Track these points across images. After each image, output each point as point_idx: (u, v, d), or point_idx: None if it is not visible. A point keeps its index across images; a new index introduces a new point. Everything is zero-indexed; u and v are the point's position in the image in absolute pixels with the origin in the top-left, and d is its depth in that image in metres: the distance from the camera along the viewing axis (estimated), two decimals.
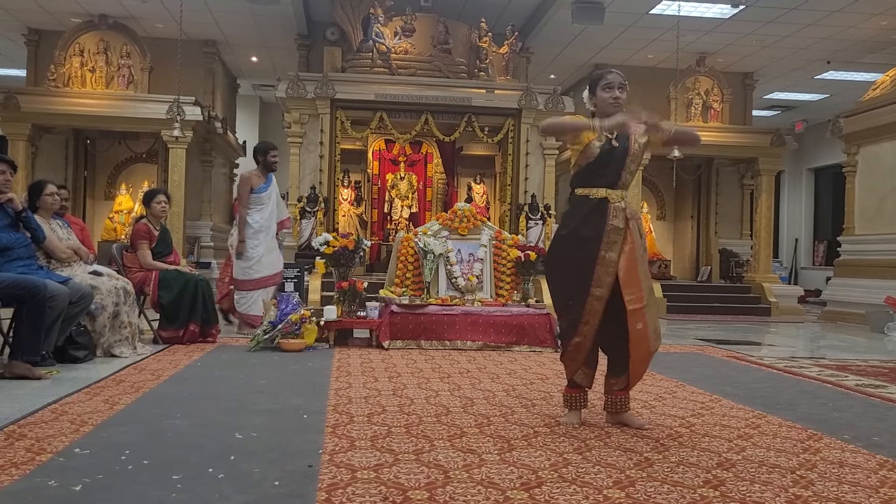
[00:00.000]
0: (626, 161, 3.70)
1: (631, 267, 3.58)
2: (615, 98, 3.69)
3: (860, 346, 8.34)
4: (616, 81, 3.71)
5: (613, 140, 3.68)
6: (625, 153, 3.69)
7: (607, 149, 3.68)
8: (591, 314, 3.58)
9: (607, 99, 3.70)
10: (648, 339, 3.56)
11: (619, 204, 3.66)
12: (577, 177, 3.78)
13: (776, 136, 13.22)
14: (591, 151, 3.69)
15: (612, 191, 3.67)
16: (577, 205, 3.76)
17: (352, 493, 2.54)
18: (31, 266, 5.02)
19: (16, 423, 3.42)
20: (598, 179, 3.69)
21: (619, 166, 3.69)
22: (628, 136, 3.70)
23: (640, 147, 3.75)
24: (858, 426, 3.89)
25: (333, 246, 7.15)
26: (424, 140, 12.98)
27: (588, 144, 3.69)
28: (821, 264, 18.46)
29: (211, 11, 12.11)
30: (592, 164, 3.70)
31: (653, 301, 3.65)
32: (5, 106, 11.34)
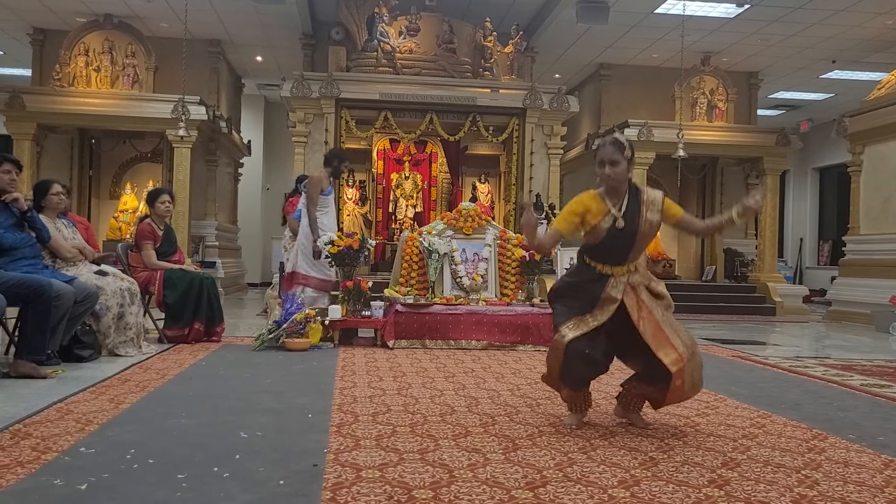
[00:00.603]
0: (635, 241, 3.57)
1: (656, 329, 3.48)
2: (606, 176, 3.55)
3: (865, 345, 8.32)
4: (606, 157, 3.53)
5: (618, 222, 3.53)
6: (633, 235, 3.56)
7: (614, 232, 3.54)
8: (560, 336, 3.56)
9: (601, 175, 3.57)
10: (685, 392, 3.53)
11: (622, 278, 3.56)
12: (585, 248, 3.69)
13: (781, 136, 13.19)
14: (596, 233, 3.58)
15: (617, 267, 3.58)
16: (581, 269, 3.70)
17: (357, 493, 2.54)
18: (37, 265, 5.03)
19: (21, 422, 3.43)
20: (605, 257, 3.59)
21: (626, 247, 3.57)
22: (637, 216, 3.55)
23: (650, 227, 3.59)
24: (864, 426, 3.89)
25: (338, 245, 7.14)
26: (429, 139, 12.98)
27: (595, 226, 3.56)
28: (826, 264, 18.41)
29: (216, 11, 12.13)
30: (600, 244, 3.59)
31: (693, 356, 3.50)
32: (11, 105, 11.37)
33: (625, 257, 3.58)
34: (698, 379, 3.55)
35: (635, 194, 3.61)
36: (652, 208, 3.59)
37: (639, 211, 3.57)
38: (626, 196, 3.59)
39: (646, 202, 3.59)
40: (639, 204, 3.59)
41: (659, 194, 3.67)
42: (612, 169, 3.53)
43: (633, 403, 3.75)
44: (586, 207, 3.57)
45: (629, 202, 3.58)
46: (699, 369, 3.55)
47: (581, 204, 3.59)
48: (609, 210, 3.56)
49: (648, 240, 3.64)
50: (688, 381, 3.46)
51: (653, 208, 3.59)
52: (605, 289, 3.55)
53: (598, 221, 3.55)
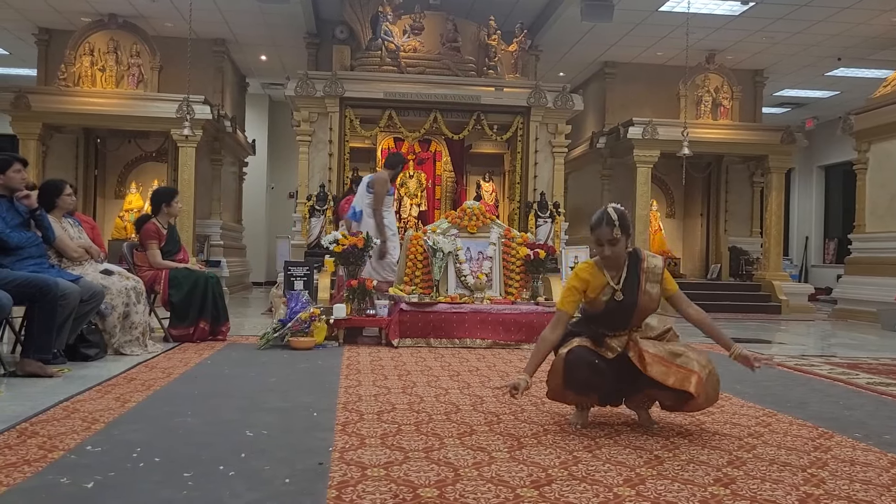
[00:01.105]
0: (634, 312, 3.56)
1: (667, 364, 3.41)
2: (604, 256, 3.52)
3: (871, 343, 8.30)
4: (604, 237, 3.48)
5: (617, 294, 3.52)
6: (632, 307, 3.54)
7: (613, 305, 3.53)
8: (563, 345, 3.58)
9: (598, 252, 3.55)
10: (699, 406, 3.50)
11: (624, 337, 3.56)
12: (587, 314, 3.69)
13: (786, 134, 13.16)
14: (595, 306, 3.58)
15: (620, 331, 3.58)
16: (586, 325, 3.67)
17: (362, 491, 2.54)
18: (43, 265, 5.04)
19: (28, 421, 3.44)
20: (606, 325, 3.59)
21: (626, 319, 3.56)
22: (636, 288, 3.52)
23: (649, 299, 3.56)
24: (870, 424, 3.88)
25: (343, 244, 7.15)
26: (433, 138, 12.97)
27: (594, 299, 3.56)
28: (831, 262, 18.37)
29: (220, 10, 12.14)
30: (600, 315, 3.59)
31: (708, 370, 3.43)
32: (16, 105, 11.39)
33: (626, 325, 3.58)
34: (713, 394, 3.50)
35: (634, 264, 3.58)
36: (651, 278, 3.56)
37: (638, 282, 3.54)
38: (625, 266, 3.56)
39: (645, 271, 3.56)
40: (638, 274, 3.55)
41: (659, 262, 3.63)
42: (611, 249, 3.50)
43: (642, 402, 3.71)
44: (586, 283, 3.56)
45: (628, 272, 3.55)
46: (716, 385, 3.50)
47: (581, 280, 3.57)
48: (608, 282, 3.54)
49: (649, 311, 3.61)
50: (702, 397, 3.41)
51: (652, 279, 3.56)
52: (606, 340, 3.57)
53: (597, 295, 3.55)
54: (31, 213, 5.06)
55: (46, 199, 5.56)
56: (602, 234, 3.49)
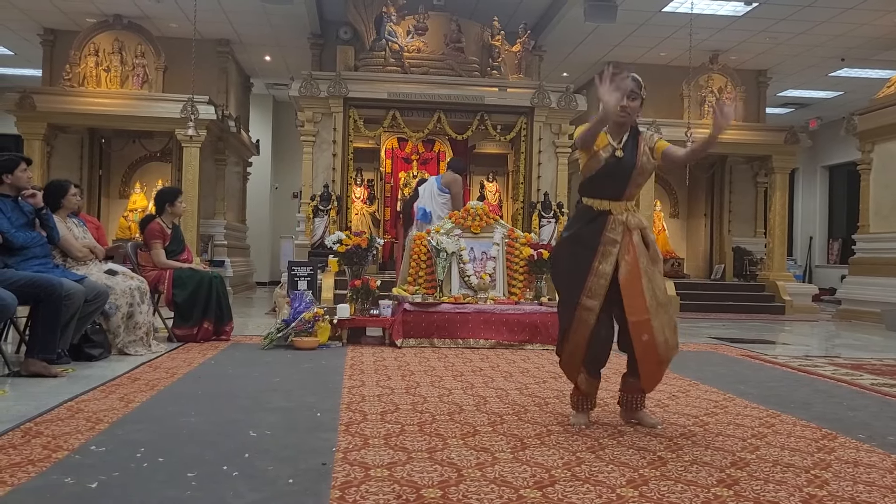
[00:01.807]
0: (633, 174, 3.61)
1: (633, 279, 3.50)
2: (623, 107, 3.55)
3: (875, 344, 8.28)
4: (627, 87, 3.54)
5: (617, 151, 3.59)
6: (631, 166, 3.60)
7: (613, 161, 3.59)
8: (579, 323, 3.55)
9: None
10: (657, 349, 3.47)
11: (620, 216, 3.59)
12: (584, 185, 3.72)
13: (790, 134, 13.14)
14: (596, 161, 3.62)
15: (615, 202, 3.61)
16: (580, 213, 3.74)
17: (365, 491, 2.55)
18: (47, 265, 5.06)
19: (32, 421, 3.45)
20: (603, 191, 3.63)
21: (624, 179, 3.61)
22: (636, 148, 3.61)
23: (648, 161, 3.64)
24: (874, 425, 3.88)
25: (346, 244, 7.17)
26: (437, 138, 12.96)
27: (595, 154, 3.61)
28: (835, 262, 18.35)
29: (224, 11, 12.15)
30: (597, 174, 3.63)
31: (662, 311, 3.51)
32: (21, 105, 11.41)
33: (622, 192, 3.61)
34: (672, 339, 3.52)
35: (635, 134, 3.68)
36: (649, 143, 3.67)
37: (637, 146, 3.63)
38: (626, 134, 3.66)
39: (644, 139, 3.67)
40: (637, 140, 3.66)
41: (655, 135, 3.74)
42: (630, 102, 3.57)
43: (634, 402, 3.73)
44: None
45: (629, 138, 3.65)
46: (672, 328, 3.53)
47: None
48: (609, 142, 3.62)
49: (645, 176, 3.68)
50: (659, 337, 3.44)
51: (649, 143, 3.67)
52: (605, 231, 3.56)
53: (598, 150, 3.61)
54: (37, 212, 5.08)
55: (52, 198, 5.58)
56: (626, 84, 3.54)
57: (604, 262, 3.53)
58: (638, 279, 3.50)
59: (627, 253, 3.54)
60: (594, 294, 3.52)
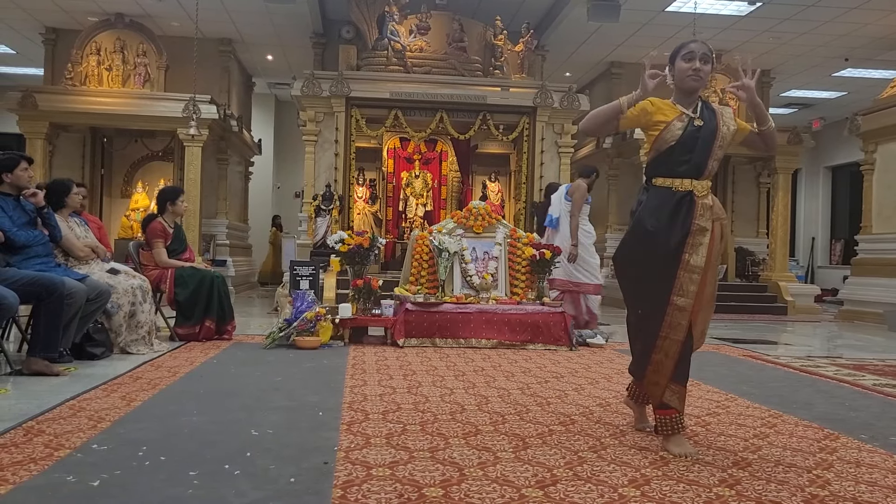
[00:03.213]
0: (714, 145, 3.23)
1: (703, 275, 3.18)
2: (695, 70, 3.22)
3: (877, 345, 8.27)
4: (699, 51, 3.23)
5: (697, 119, 3.23)
6: (713, 135, 3.22)
7: (691, 130, 3.21)
8: (671, 328, 3.15)
9: (686, 70, 3.25)
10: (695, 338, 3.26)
11: (707, 200, 3.22)
12: (655, 164, 3.29)
13: (793, 134, 13.12)
14: (670, 134, 3.22)
15: (697, 182, 3.21)
16: (656, 197, 3.25)
17: (367, 490, 2.55)
18: (49, 263, 5.06)
19: (34, 419, 3.45)
20: (681, 168, 3.21)
21: (705, 151, 3.22)
22: (715, 116, 3.26)
23: (729, 131, 3.27)
24: (876, 426, 3.87)
25: (348, 244, 7.16)
26: (439, 138, 12.97)
27: (667, 126, 3.22)
28: (838, 263, 18.33)
29: (227, 10, 12.16)
30: (673, 148, 3.22)
31: (709, 305, 3.27)
32: (23, 104, 11.42)
33: (703, 166, 3.22)
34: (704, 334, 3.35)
35: (706, 103, 3.35)
36: (726, 115, 3.32)
37: (714, 114, 3.28)
38: (698, 103, 3.32)
39: (718, 110, 3.33)
40: (712, 109, 3.32)
41: (728, 108, 3.38)
42: (703, 66, 3.23)
43: (643, 396, 3.55)
44: (658, 107, 3.28)
45: (702, 107, 3.31)
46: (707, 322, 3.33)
47: (654, 104, 3.29)
48: (682, 112, 3.27)
49: (725, 148, 3.29)
50: (696, 329, 3.23)
51: (726, 115, 3.32)
52: (693, 218, 3.17)
53: (672, 120, 3.25)
54: (38, 211, 5.08)
55: (54, 197, 5.58)
56: (697, 47, 3.27)
57: (694, 255, 3.16)
58: (705, 276, 3.18)
59: (710, 248, 3.21)
60: (686, 292, 3.14)
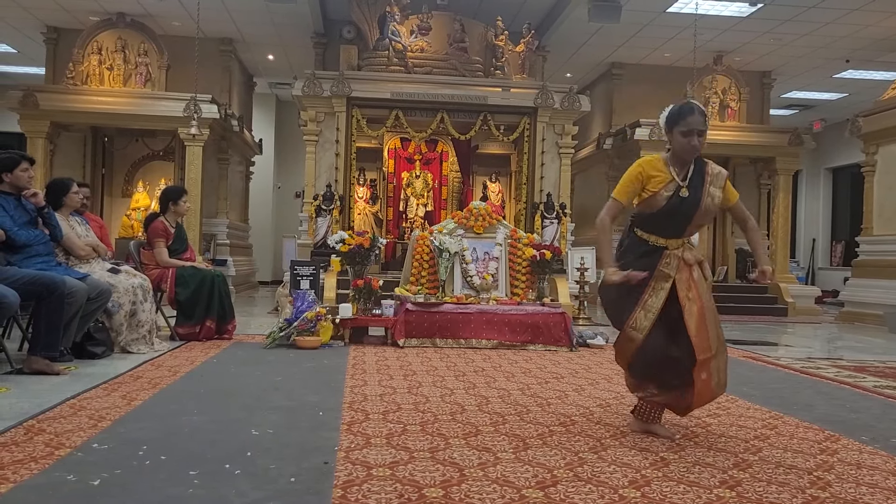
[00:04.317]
0: (695, 215, 3.40)
1: (700, 318, 3.32)
2: (692, 146, 3.36)
3: (878, 347, 8.27)
4: (696, 128, 3.35)
5: (682, 190, 3.36)
6: (694, 207, 3.38)
7: (675, 201, 3.36)
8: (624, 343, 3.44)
9: (684, 144, 3.38)
10: (712, 388, 3.38)
11: (677, 251, 3.40)
12: (639, 218, 3.51)
13: (794, 136, 13.12)
14: (656, 202, 3.38)
15: (672, 240, 3.42)
16: (632, 245, 3.50)
17: (367, 490, 2.55)
18: (50, 262, 5.06)
19: (35, 418, 3.45)
20: (661, 230, 3.42)
21: (685, 221, 3.41)
22: (702, 187, 3.38)
23: (712, 201, 3.40)
24: (877, 427, 3.87)
25: (349, 244, 7.17)
26: (440, 138, 12.97)
27: (655, 194, 3.37)
28: (838, 265, 18.32)
29: (228, 10, 12.16)
30: (657, 214, 3.40)
31: (722, 350, 3.40)
32: (24, 104, 11.42)
33: (682, 230, 3.42)
34: (724, 378, 3.42)
35: (700, 166, 3.45)
36: (716, 183, 3.42)
37: (702, 183, 3.40)
38: (691, 166, 3.43)
39: (710, 175, 3.43)
40: (703, 176, 3.42)
41: (724, 171, 3.49)
42: (699, 140, 3.36)
43: (651, 414, 3.53)
44: (648, 174, 3.40)
45: (694, 173, 3.42)
46: (725, 369, 3.42)
47: (644, 170, 3.41)
48: (673, 178, 3.39)
49: (708, 217, 3.48)
50: (714, 377, 3.33)
51: (717, 183, 3.43)
52: (658, 265, 3.37)
53: (660, 189, 3.37)
54: (39, 211, 5.08)
55: (53, 196, 5.58)
56: (695, 121, 3.36)
57: (653, 297, 3.36)
58: (703, 317, 3.34)
59: (691, 290, 3.36)
60: (638, 327, 3.36)
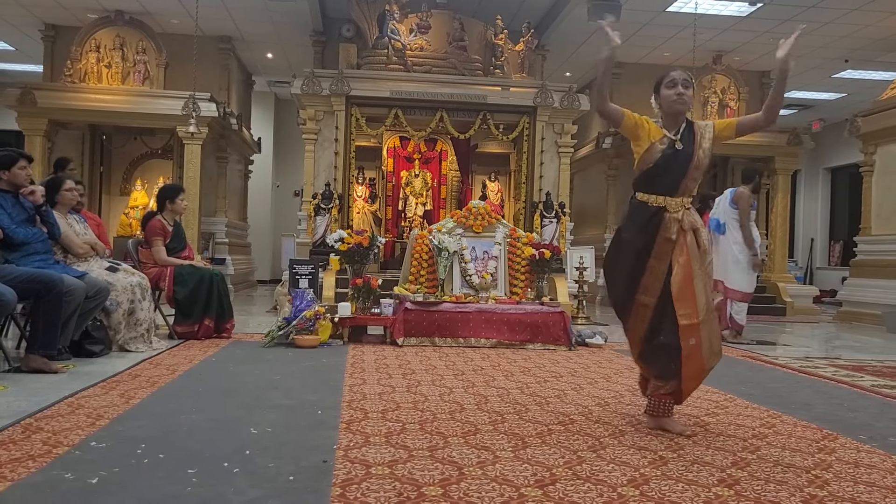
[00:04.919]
0: (689, 168, 3.53)
1: (686, 281, 3.43)
2: (679, 94, 3.53)
3: (876, 346, 8.28)
4: (679, 78, 3.55)
5: (677, 143, 3.53)
6: (688, 159, 3.53)
7: (669, 153, 3.52)
8: (636, 319, 3.55)
9: (671, 95, 3.55)
10: (703, 355, 3.43)
11: (676, 214, 3.50)
12: (638, 181, 3.63)
13: (793, 136, 13.13)
14: (651, 155, 3.54)
15: (671, 198, 3.52)
16: (634, 210, 3.61)
17: (366, 489, 2.55)
18: (48, 261, 5.06)
19: (33, 417, 3.45)
20: (658, 186, 3.54)
21: (680, 173, 3.53)
22: (693, 141, 3.55)
23: (705, 154, 3.56)
24: (874, 426, 3.87)
25: (348, 243, 7.16)
26: (439, 137, 12.95)
27: (650, 146, 3.54)
28: (837, 264, 18.33)
29: (226, 7, 12.15)
30: (652, 168, 3.55)
31: (712, 318, 3.48)
32: (22, 101, 11.40)
33: (677, 186, 3.53)
34: (718, 346, 3.49)
35: (689, 125, 3.62)
36: (706, 135, 3.59)
37: (693, 137, 3.57)
38: (682, 126, 3.60)
39: (698, 131, 3.59)
40: (693, 133, 3.59)
41: (709, 123, 3.66)
42: (685, 90, 3.53)
43: (661, 408, 3.59)
44: (648, 128, 3.59)
45: (685, 129, 3.59)
46: (718, 336, 3.50)
47: (647, 122, 3.61)
48: (665, 134, 3.56)
49: (702, 171, 3.60)
50: (705, 344, 3.40)
51: (706, 135, 3.59)
52: (660, 230, 3.48)
53: (655, 142, 3.54)
54: (37, 209, 5.08)
55: (47, 194, 5.58)
56: (677, 74, 3.57)
57: (659, 262, 3.49)
58: (690, 282, 3.44)
59: (681, 254, 3.47)
60: (650, 292, 3.49)
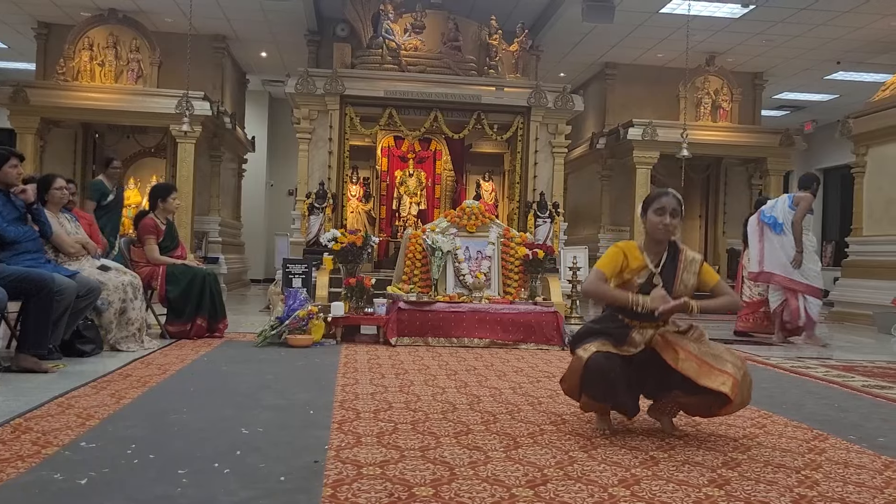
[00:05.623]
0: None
1: (700, 364, 3.32)
2: (665, 225, 3.42)
3: (867, 346, 8.30)
4: (669, 206, 3.43)
5: (655, 278, 3.44)
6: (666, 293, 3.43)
7: (647, 289, 3.42)
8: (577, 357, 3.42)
9: (657, 223, 3.44)
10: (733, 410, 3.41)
11: (650, 330, 3.46)
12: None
13: (785, 137, 13.17)
14: (629, 287, 3.46)
15: (645, 323, 3.46)
16: (607, 318, 3.56)
17: (357, 489, 2.54)
18: (39, 260, 5.04)
19: (22, 417, 3.44)
20: (634, 314, 3.44)
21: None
22: (673, 278, 3.45)
23: (684, 289, 3.47)
24: (864, 427, 3.88)
25: (341, 242, 7.16)
26: (433, 137, 12.96)
27: (628, 280, 3.46)
28: (828, 265, 18.34)
29: (221, 6, 12.13)
30: None
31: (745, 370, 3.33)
32: (14, 99, 11.38)
33: (654, 315, 3.42)
34: (748, 396, 3.39)
35: (674, 253, 3.52)
36: (689, 269, 3.50)
37: (675, 272, 3.48)
38: (665, 253, 3.52)
39: (684, 262, 3.51)
40: (676, 264, 3.50)
41: (698, 257, 3.57)
42: (672, 220, 3.42)
43: (668, 408, 3.61)
44: (627, 258, 3.47)
45: (667, 260, 3.50)
46: (749, 387, 3.38)
47: (623, 253, 3.49)
48: (646, 265, 3.47)
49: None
50: (737, 399, 3.30)
51: (690, 270, 3.50)
52: (630, 335, 3.44)
53: (633, 277, 3.46)
54: (28, 207, 5.06)
55: (38, 193, 5.56)
56: (668, 202, 3.44)
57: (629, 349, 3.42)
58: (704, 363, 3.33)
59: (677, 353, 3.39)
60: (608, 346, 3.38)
